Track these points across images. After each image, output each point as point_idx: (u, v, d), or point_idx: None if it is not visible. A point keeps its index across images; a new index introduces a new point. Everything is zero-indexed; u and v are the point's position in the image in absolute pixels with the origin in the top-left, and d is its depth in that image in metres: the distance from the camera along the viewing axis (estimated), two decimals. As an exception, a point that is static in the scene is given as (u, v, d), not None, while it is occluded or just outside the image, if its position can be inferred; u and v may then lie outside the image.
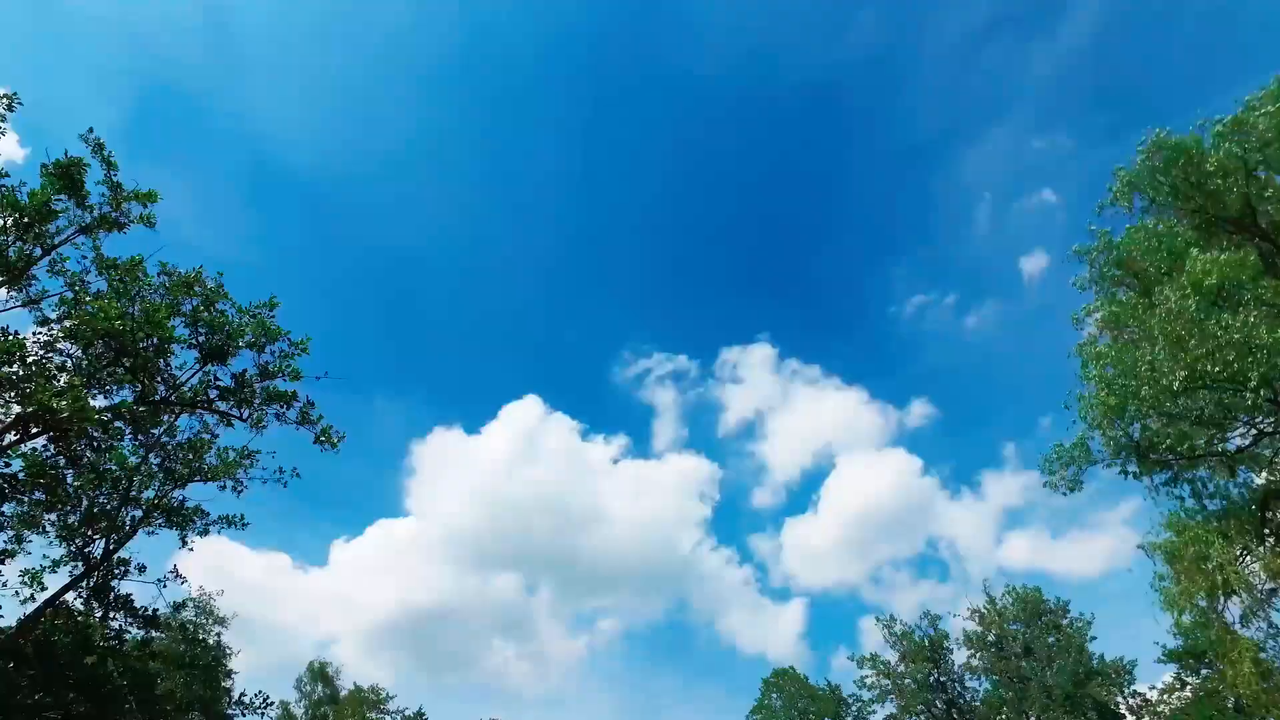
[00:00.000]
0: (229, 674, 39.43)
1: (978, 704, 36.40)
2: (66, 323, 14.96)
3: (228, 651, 39.22)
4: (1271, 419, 16.71)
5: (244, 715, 36.99)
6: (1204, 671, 41.51)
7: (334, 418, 20.32)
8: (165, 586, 22.53)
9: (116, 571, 22.61)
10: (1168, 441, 17.52)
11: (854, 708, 49.50)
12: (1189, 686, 41.95)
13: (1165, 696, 41.60)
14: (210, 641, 39.09)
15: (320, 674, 56.89)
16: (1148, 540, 18.70)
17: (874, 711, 42.76)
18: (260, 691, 33.16)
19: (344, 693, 55.03)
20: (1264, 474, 18.15)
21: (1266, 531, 17.58)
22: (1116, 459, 17.95)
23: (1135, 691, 36.80)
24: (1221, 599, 16.54)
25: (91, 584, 22.20)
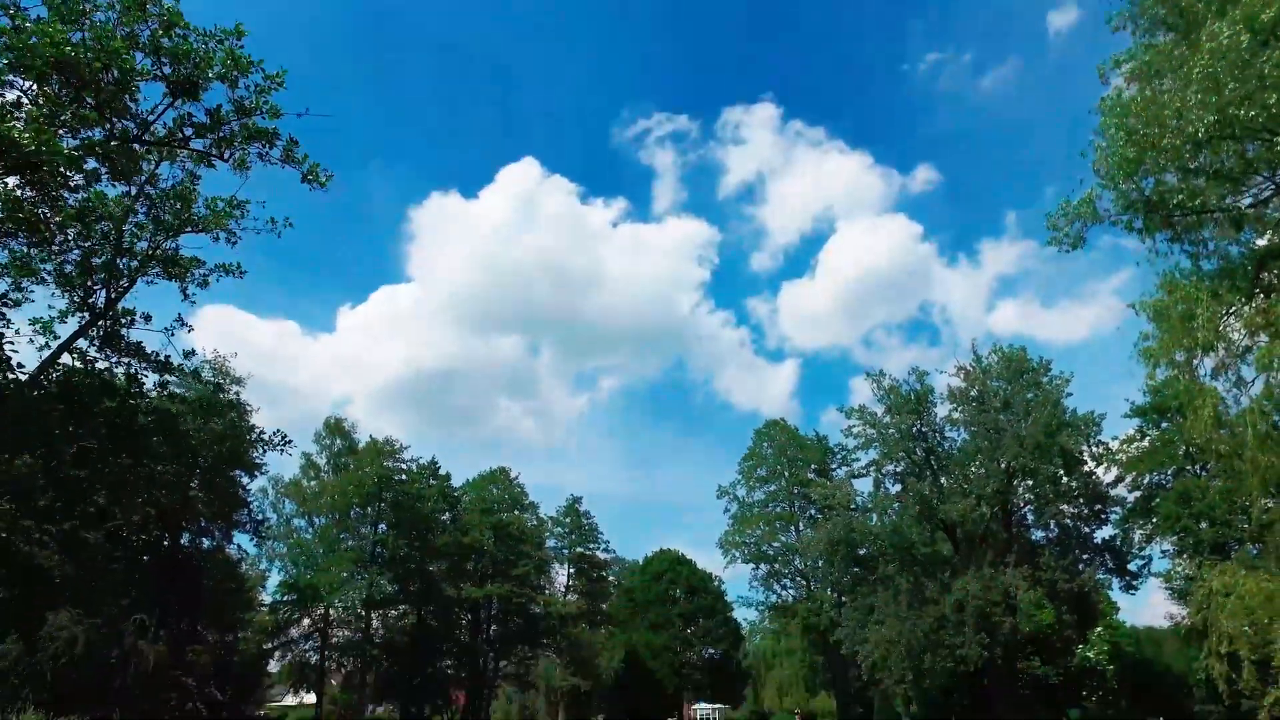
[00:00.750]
0: (251, 428, 41.83)
1: (955, 452, 38.89)
2: (10, 55, 13.92)
3: (248, 408, 41.27)
4: (1295, 171, 16.09)
5: (265, 453, 39.59)
6: (1164, 425, 44.10)
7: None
8: (173, 335, 23.14)
9: (123, 321, 23.21)
10: (1179, 198, 17.01)
11: (839, 456, 53.21)
12: (1148, 438, 44.80)
13: (1125, 446, 44.53)
14: (229, 399, 40.94)
15: (337, 428, 60.53)
16: (1139, 300, 18.83)
17: (858, 459, 45.90)
18: (278, 430, 35.21)
19: (361, 445, 58.85)
20: (1268, 234, 17.84)
21: (1256, 290, 17.58)
22: (1124, 215, 17.54)
23: (1100, 441, 39.18)
24: (1200, 354, 16.93)
25: (101, 333, 22.86)
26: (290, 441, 32.27)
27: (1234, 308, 17.42)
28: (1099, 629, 43.80)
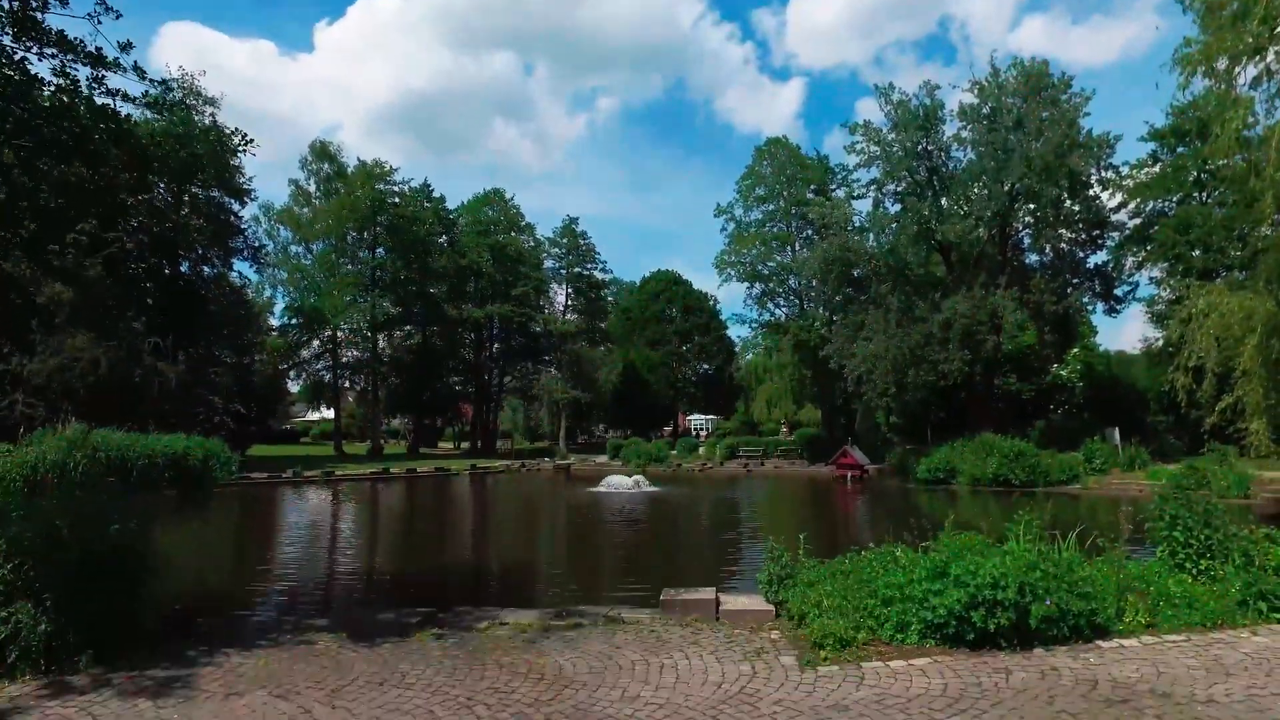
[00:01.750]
0: (234, 151, 40.11)
1: (959, 173, 37.92)
2: None
3: (225, 130, 39.33)
4: None
5: (240, 159, 38.21)
6: (1180, 149, 42.70)
7: None
8: (100, 23, 20.90)
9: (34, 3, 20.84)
10: None
11: (839, 176, 52.01)
12: (1160, 163, 43.61)
13: (1134, 171, 43.48)
14: (205, 123, 38.83)
15: (323, 152, 58.31)
16: (1190, -1, 17.06)
17: (858, 179, 44.89)
18: (236, 129, 33.80)
19: (350, 169, 57.13)
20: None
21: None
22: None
23: (1110, 165, 38.07)
24: (1244, 60, 15.69)
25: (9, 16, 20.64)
26: (252, 140, 30.87)
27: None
28: (1075, 350, 45.91)
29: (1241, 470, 24.21)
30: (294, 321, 56.01)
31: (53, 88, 8.59)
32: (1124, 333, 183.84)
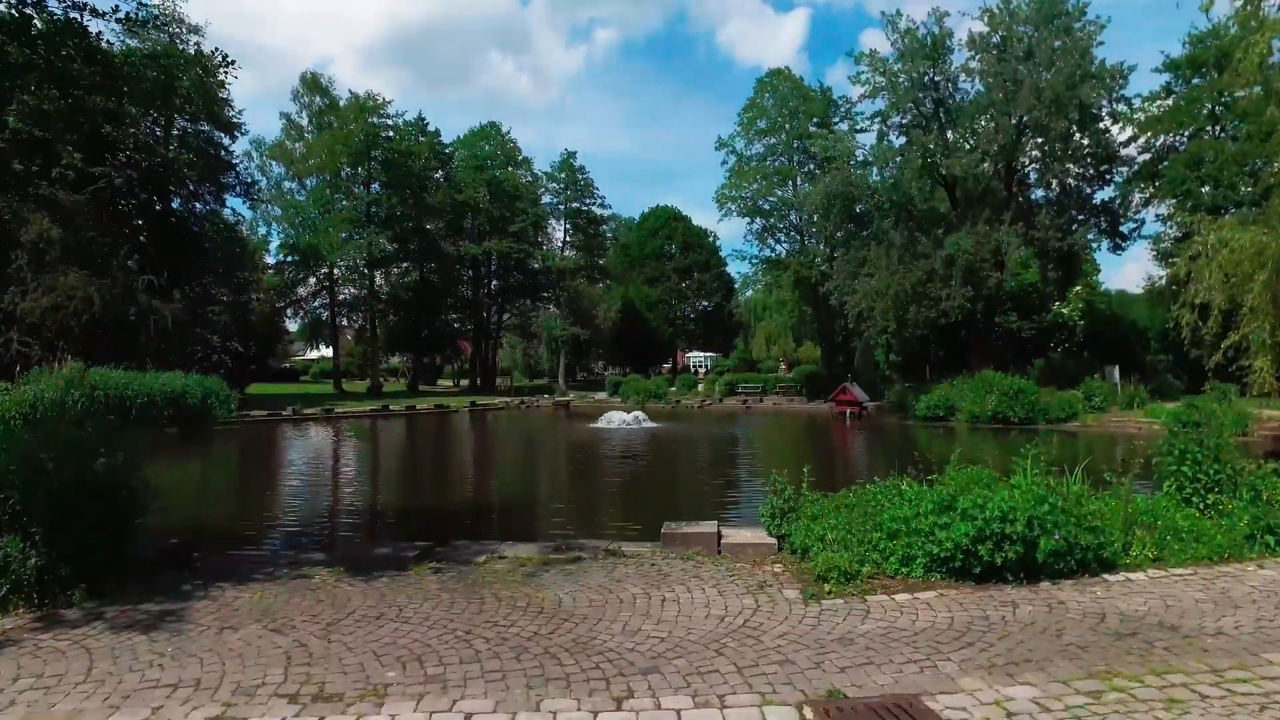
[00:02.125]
0: (221, 83, 39.05)
1: (966, 105, 36.96)
2: None
3: (206, 54, 38.11)
4: None
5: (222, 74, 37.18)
6: (1195, 81, 41.58)
7: None
8: None
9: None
10: None
11: (843, 109, 50.84)
12: (1174, 95, 42.49)
13: (1146, 104, 42.39)
14: (190, 52, 37.61)
15: (314, 84, 56.79)
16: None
17: (861, 112, 43.84)
18: (216, 49, 32.82)
19: (342, 102, 55.72)
20: None
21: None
22: None
23: (1122, 97, 37.11)
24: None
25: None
26: (233, 62, 30.00)
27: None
28: (1077, 288, 45.53)
29: (1241, 408, 24.19)
30: (289, 259, 55.35)
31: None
32: (1125, 272, 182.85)
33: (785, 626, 5.47)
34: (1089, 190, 39.29)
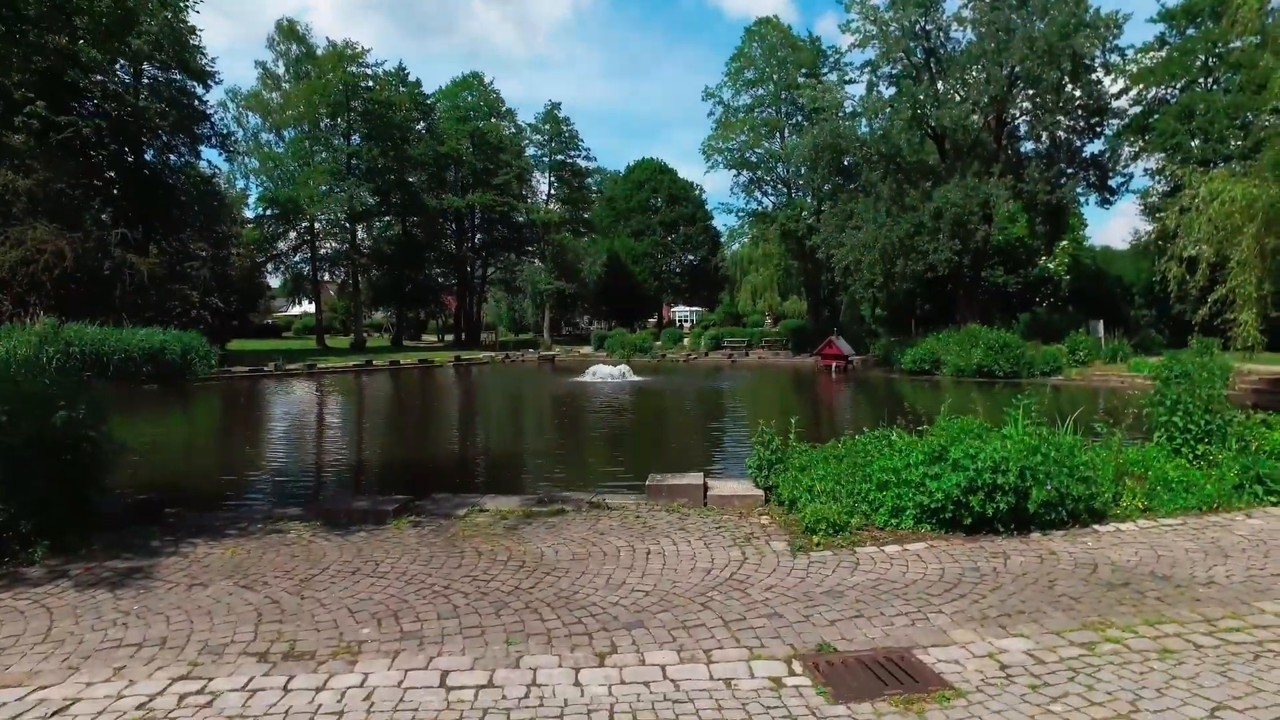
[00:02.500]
0: (191, 28, 37.86)
1: (957, 55, 36.28)
2: None
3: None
4: None
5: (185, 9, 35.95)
6: (1190, 31, 41.04)
7: None
8: None
9: None
10: None
11: (832, 59, 49.95)
12: (1167, 47, 41.95)
13: (1139, 55, 41.84)
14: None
15: (290, 32, 55.10)
16: None
17: (851, 63, 43.08)
18: None
19: (320, 51, 54.13)
20: None
21: None
22: None
23: (1115, 48, 36.53)
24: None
25: None
26: None
27: None
28: (1063, 243, 45.39)
29: (1224, 362, 24.29)
30: (269, 212, 54.17)
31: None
32: (1109, 228, 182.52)
33: (773, 579, 5.35)
34: (1079, 143, 38.92)
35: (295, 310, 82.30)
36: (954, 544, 6.05)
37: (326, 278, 60.53)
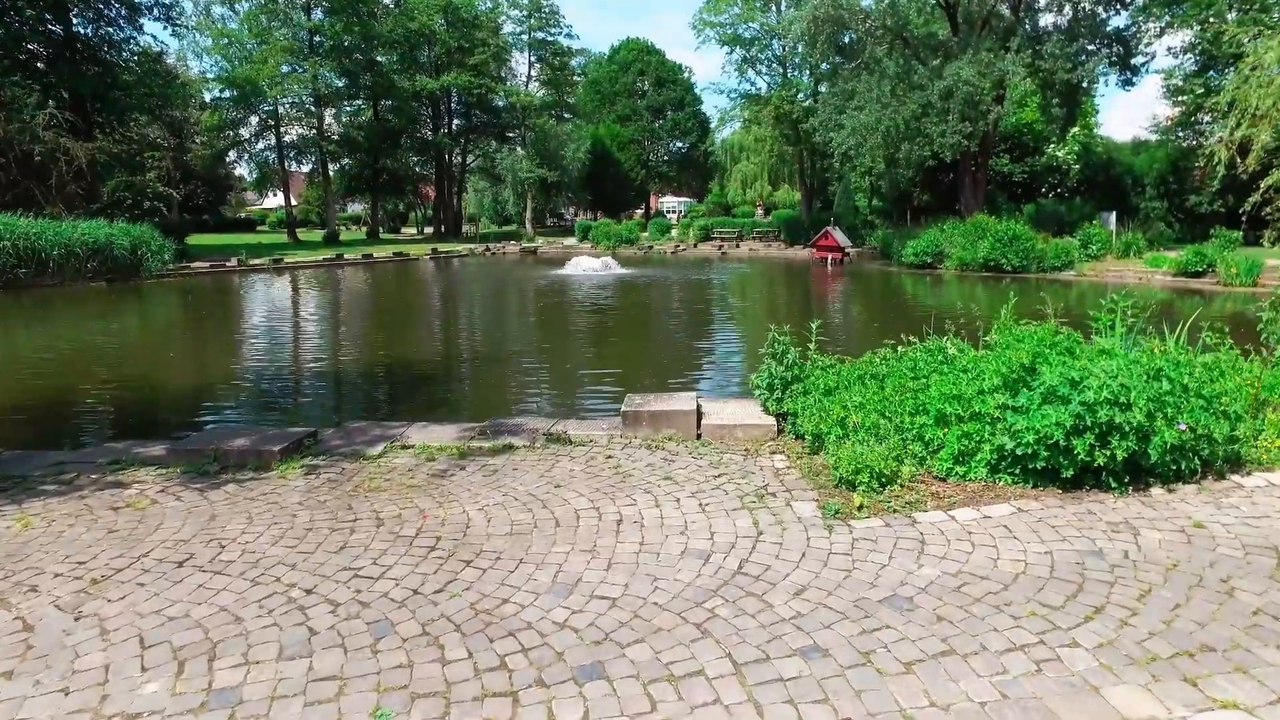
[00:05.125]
0: None
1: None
2: None
3: None
4: None
5: None
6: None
7: None
8: None
9: None
10: None
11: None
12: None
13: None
14: None
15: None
16: None
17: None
18: None
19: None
20: None
21: None
22: None
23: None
24: None
25: None
26: None
27: None
28: (1075, 129, 42.56)
29: (1252, 256, 22.48)
30: (225, 94, 50.06)
31: None
32: (1112, 120, 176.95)
33: (804, 572, 3.59)
34: (1103, 16, 35.63)
35: (270, 204, 78.51)
36: (1049, 505, 4.29)
37: (295, 168, 56.87)
